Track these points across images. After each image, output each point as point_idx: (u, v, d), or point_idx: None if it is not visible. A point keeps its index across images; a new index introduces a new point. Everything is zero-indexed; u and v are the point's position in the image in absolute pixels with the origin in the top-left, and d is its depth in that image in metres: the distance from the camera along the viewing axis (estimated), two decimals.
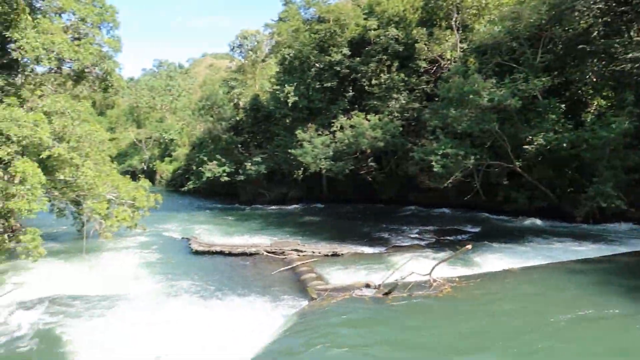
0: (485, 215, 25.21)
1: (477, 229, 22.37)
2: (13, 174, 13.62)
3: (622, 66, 18.98)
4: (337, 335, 9.48)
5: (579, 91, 23.92)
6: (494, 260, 16.01)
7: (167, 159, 56.03)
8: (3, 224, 15.26)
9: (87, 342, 9.78)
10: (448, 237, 20.65)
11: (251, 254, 18.46)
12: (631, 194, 20.23)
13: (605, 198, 18.86)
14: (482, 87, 20.52)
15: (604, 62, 21.36)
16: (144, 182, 20.47)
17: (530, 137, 20.93)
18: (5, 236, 15.32)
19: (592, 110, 22.63)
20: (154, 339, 10.06)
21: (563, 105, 21.59)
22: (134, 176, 25.47)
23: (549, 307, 10.57)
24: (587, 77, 22.74)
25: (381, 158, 30.17)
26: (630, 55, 18.80)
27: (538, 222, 22.92)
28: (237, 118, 38.54)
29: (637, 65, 18.52)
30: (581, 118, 22.42)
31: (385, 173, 29.94)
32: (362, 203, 31.28)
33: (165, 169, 54.22)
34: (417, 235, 21.58)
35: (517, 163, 22.11)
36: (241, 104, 40.20)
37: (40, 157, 14.57)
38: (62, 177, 15.68)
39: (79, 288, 14.18)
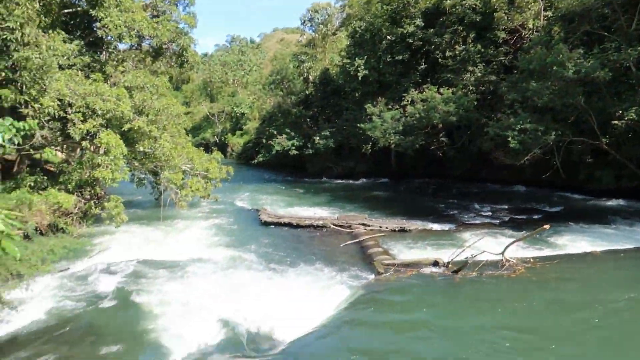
0: (565, 194, 23.69)
1: (555, 209, 21.13)
2: (98, 145, 14.51)
3: None
4: (401, 311, 9.38)
5: None
6: (574, 241, 15.06)
7: (238, 132, 57.56)
8: (90, 191, 16.39)
9: (164, 303, 10.37)
10: (522, 216, 19.67)
11: (318, 227, 18.64)
12: None
13: None
14: (568, 58, 18.96)
15: None
16: (217, 155, 21.18)
17: (620, 111, 19.19)
18: (92, 203, 16.48)
19: None
20: (226, 301, 10.51)
21: None
22: (207, 148, 26.46)
23: (633, 295, 9.78)
24: None
25: (453, 133, 29.09)
26: None
27: (624, 203, 21.24)
28: (307, 92, 38.67)
29: None
30: None
31: (456, 149, 28.87)
32: (432, 179, 30.52)
33: (236, 142, 55.76)
34: (489, 213, 20.77)
35: (604, 140, 20.44)
36: (311, 78, 40.23)
37: (122, 129, 15.39)
38: (141, 148, 16.50)
39: (157, 253, 15.08)
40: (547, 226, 11.27)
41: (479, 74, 26.70)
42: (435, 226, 18.41)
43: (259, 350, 8.43)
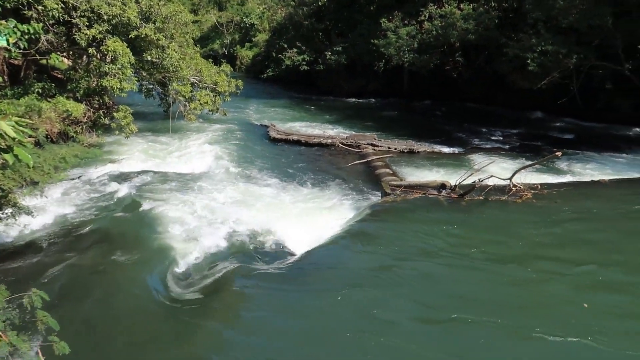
0: (581, 122, 23.18)
1: (569, 136, 20.82)
2: (105, 52, 14.14)
3: None
4: (406, 231, 9.58)
5: None
6: (584, 169, 15.02)
7: (247, 44, 55.78)
8: (98, 100, 16.25)
9: (174, 212, 10.64)
10: (534, 142, 19.43)
11: (327, 145, 18.61)
12: None
13: None
14: None
15: None
16: (226, 67, 20.67)
17: None
18: (101, 112, 16.41)
19: None
20: (236, 213, 10.81)
21: None
22: (215, 60, 25.74)
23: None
24: None
25: (470, 53, 27.97)
26: None
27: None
28: (320, 3, 36.76)
29: None
30: None
31: (473, 70, 27.91)
32: (445, 101, 29.82)
33: (245, 55, 54.22)
34: (500, 138, 20.53)
35: (627, 65, 19.60)
36: None
37: (129, 37, 14.91)
38: (149, 58, 16.08)
39: (166, 164, 15.30)
40: (559, 153, 11.14)
41: None
42: (445, 149, 18.32)
43: (268, 262, 8.75)
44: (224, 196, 12.12)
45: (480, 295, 6.99)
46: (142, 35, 15.06)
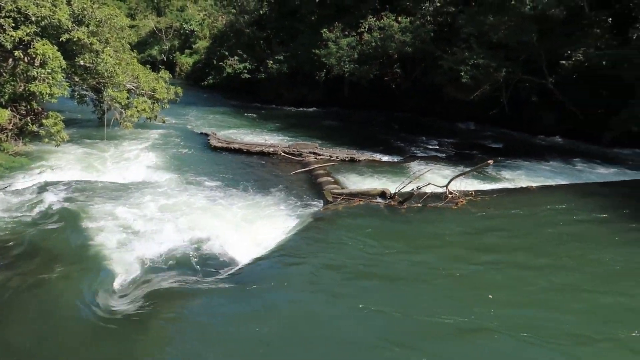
0: (510, 132, 24.57)
1: (499, 145, 21.98)
2: (33, 56, 13.40)
3: None
4: (349, 239, 9.72)
5: (630, 4, 21.95)
6: (513, 176, 15.88)
7: (187, 51, 54.68)
8: (26, 106, 15.34)
9: (108, 224, 10.20)
10: (469, 151, 20.37)
11: (269, 154, 18.55)
12: None
13: (639, 121, 18.10)
14: None
15: None
16: (164, 74, 20.13)
17: (569, 52, 19.70)
18: (29, 119, 15.49)
19: None
20: (173, 223, 10.50)
21: (610, 20, 20.01)
22: (153, 67, 25.03)
23: (561, 227, 10.61)
24: None
25: (408, 65, 28.93)
26: None
27: (563, 142, 22.41)
28: (261, 12, 36.78)
29: None
30: (628, 35, 20.82)
31: (410, 81, 28.87)
32: (384, 111, 30.59)
33: (185, 62, 53.13)
34: (437, 147, 21.34)
35: (550, 79, 21.05)
36: None
37: (60, 40, 14.22)
38: (82, 62, 15.40)
39: (100, 174, 14.63)
40: (490, 161, 11.76)
41: (439, 4, 26.19)
42: (385, 157, 18.78)
43: (208, 272, 8.57)
44: (160, 205, 11.72)
45: (416, 296, 7.29)
46: (75, 39, 14.41)
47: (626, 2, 21.69)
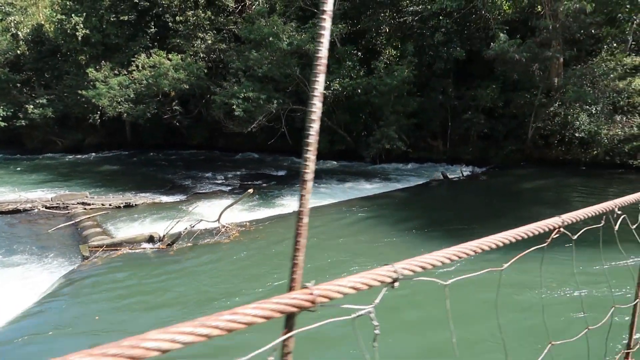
0: (292, 159, 25.90)
1: (281, 172, 22.94)
2: None
3: (405, 18, 20.58)
4: (104, 297, 8.65)
5: (373, 40, 25.49)
6: (291, 201, 16.55)
7: None
8: None
9: None
10: (253, 182, 20.66)
11: (26, 210, 16.01)
12: (411, 137, 22.73)
13: (389, 140, 20.80)
14: (282, 30, 20.38)
15: (393, 14, 22.98)
16: None
17: (328, 82, 21.74)
18: None
19: (383, 59, 24.37)
20: None
21: (359, 53, 22.81)
22: None
23: (328, 240, 11.27)
24: (381, 27, 24.27)
25: (188, 101, 28.55)
26: (411, 8, 20.45)
27: (336, 164, 24.47)
28: (18, 52, 32.45)
29: (416, 17, 20.26)
30: (374, 66, 24.04)
31: (192, 118, 28.50)
32: (170, 149, 29.60)
33: None
34: (222, 181, 21.22)
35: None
36: (21, 35, 33.81)
37: None
38: None
39: None
40: (251, 190, 11.95)
41: (210, 42, 26.60)
42: (166, 198, 17.86)
43: None
44: None
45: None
46: None
47: (369, 38, 25.14)
